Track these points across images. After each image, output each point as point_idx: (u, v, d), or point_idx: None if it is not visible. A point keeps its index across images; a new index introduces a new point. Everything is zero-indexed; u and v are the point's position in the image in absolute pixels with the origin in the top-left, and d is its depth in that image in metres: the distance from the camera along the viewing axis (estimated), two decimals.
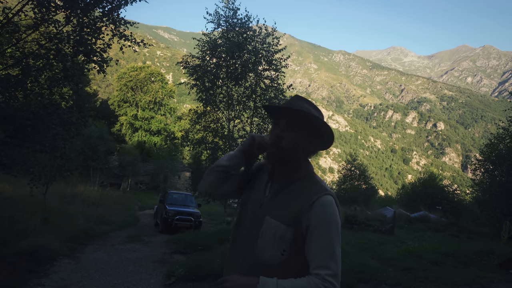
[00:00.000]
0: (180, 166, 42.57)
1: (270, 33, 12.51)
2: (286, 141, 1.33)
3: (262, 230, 1.32)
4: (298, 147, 1.35)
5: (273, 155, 1.36)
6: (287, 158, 1.35)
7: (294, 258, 1.29)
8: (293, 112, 1.35)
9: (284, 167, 1.38)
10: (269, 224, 1.31)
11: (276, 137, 1.35)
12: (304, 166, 1.39)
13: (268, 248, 1.30)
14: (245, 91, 12.62)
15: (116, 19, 7.26)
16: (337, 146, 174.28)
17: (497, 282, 5.64)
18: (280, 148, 1.34)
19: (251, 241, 1.34)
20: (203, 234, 10.73)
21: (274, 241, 1.29)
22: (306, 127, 1.36)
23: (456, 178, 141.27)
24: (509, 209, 13.60)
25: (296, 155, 1.35)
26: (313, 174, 1.40)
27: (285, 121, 1.35)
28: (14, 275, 5.09)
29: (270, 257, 1.29)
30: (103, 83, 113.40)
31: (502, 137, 16.09)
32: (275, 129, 1.38)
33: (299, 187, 1.35)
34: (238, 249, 1.41)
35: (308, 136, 1.37)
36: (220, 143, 12.92)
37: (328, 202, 1.29)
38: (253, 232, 1.35)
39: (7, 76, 6.44)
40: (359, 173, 35.41)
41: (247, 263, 1.33)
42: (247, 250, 1.35)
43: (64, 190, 14.89)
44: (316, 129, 1.38)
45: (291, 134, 1.34)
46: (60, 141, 7.36)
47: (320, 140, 1.41)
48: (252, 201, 1.44)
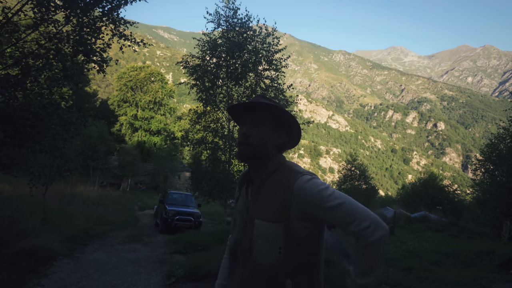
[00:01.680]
0: (180, 166, 42.57)
1: (270, 33, 12.51)
2: (253, 137, 1.36)
3: (255, 233, 1.32)
4: (266, 141, 1.37)
5: (243, 152, 1.38)
6: (258, 154, 1.37)
7: (293, 251, 1.29)
8: (256, 107, 1.38)
9: (255, 163, 1.40)
10: (258, 227, 1.31)
11: (243, 135, 1.38)
12: (274, 159, 1.39)
13: (264, 250, 1.29)
14: (245, 91, 12.62)
15: (116, 19, 7.25)
16: (337, 146, 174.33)
17: (498, 282, 5.62)
18: (249, 145, 1.36)
19: (248, 247, 1.34)
20: (203, 234, 10.72)
21: (267, 241, 1.29)
22: (271, 121, 1.39)
23: (456, 178, 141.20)
24: (509, 209, 13.58)
25: (266, 149, 1.37)
26: (284, 164, 1.38)
27: (250, 117, 1.39)
28: (13, 275, 5.08)
29: (268, 258, 1.29)
30: (103, 83, 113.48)
31: (503, 137, 16.06)
32: (242, 128, 1.41)
33: (274, 181, 1.34)
34: (238, 257, 1.41)
35: (274, 130, 1.40)
36: (220, 143, 12.92)
37: (307, 180, 1.26)
38: (247, 238, 1.35)
39: (6, 76, 6.43)
40: (359, 173, 35.36)
41: (249, 266, 1.33)
42: (245, 256, 1.35)
43: (64, 190, 14.90)
44: (282, 121, 1.40)
45: (257, 130, 1.37)
46: (59, 141, 7.35)
47: (287, 132, 1.43)
48: (239, 209, 1.45)
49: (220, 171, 12.74)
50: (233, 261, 1.44)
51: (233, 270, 1.43)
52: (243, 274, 1.35)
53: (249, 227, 1.35)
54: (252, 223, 1.34)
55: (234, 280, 1.40)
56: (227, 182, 12.54)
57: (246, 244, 1.35)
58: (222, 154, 12.95)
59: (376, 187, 42.19)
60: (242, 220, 1.41)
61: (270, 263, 1.28)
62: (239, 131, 1.43)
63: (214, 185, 12.72)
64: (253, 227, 1.33)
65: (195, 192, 17.75)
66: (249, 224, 1.35)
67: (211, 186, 12.90)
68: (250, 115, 1.40)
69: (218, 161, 12.84)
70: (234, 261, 1.44)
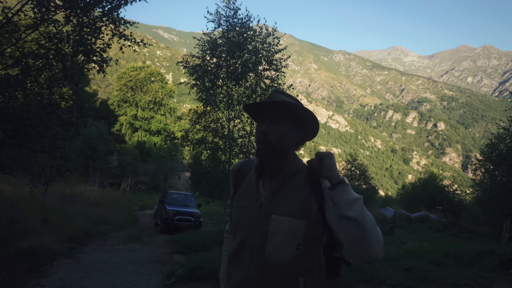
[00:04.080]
0: (180, 166, 42.57)
1: (270, 33, 12.50)
2: (273, 135, 1.34)
3: (271, 230, 1.30)
4: (286, 139, 1.36)
5: (263, 151, 1.36)
6: (277, 152, 1.35)
7: (309, 249, 1.30)
8: (275, 105, 1.36)
9: (275, 161, 1.38)
10: (278, 222, 1.30)
11: (263, 133, 1.36)
12: (296, 158, 1.41)
13: (281, 247, 1.29)
14: (245, 91, 12.61)
15: (116, 19, 7.24)
16: (337, 146, 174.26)
17: (498, 282, 5.62)
18: (268, 143, 1.34)
19: (259, 244, 1.32)
20: (203, 234, 10.73)
21: (287, 237, 1.28)
22: (290, 118, 1.37)
23: (456, 178, 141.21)
24: (509, 209, 13.59)
25: (285, 147, 1.36)
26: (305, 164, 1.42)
27: (269, 115, 1.37)
28: (14, 275, 5.08)
29: (283, 255, 1.29)
30: (103, 83, 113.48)
31: (503, 137, 16.06)
32: (260, 126, 1.39)
33: (299, 179, 1.36)
34: (244, 254, 1.37)
35: (293, 126, 1.39)
36: (220, 143, 12.91)
37: None
38: (259, 235, 1.32)
39: (6, 76, 6.43)
40: (359, 173, 35.37)
41: (258, 263, 1.31)
42: (255, 253, 1.32)
43: (64, 190, 14.89)
44: (300, 118, 1.40)
45: (276, 127, 1.35)
46: (59, 141, 7.35)
47: (305, 129, 1.43)
48: (243, 205, 1.41)
49: (220, 171, 12.73)
50: (235, 259, 1.41)
51: (235, 268, 1.40)
52: (249, 273, 1.32)
53: (262, 224, 1.33)
54: (267, 219, 1.32)
55: (237, 278, 1.36)
56: (227, 182, 12.54)
57: (257, 241, 1.32)
58: (222, 154, 12.94)
59: (376, 187, 42.21)
60: (251, 216, 1.37)
61: (285, 261, 1.28)
62: (257, 129, 1.41)
63: (214, 185, 12.71)
64: (268, 223, 1.31)
65: (195, 192, 17.74)
66: (262, 220, 1.33)
67: (211, 186, 12.89)
68: (269, 112, 1.38)
69: (218, 161, 12.83)
70: (236, 259, 1.40)
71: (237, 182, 1.50)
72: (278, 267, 1.28)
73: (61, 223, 9.39)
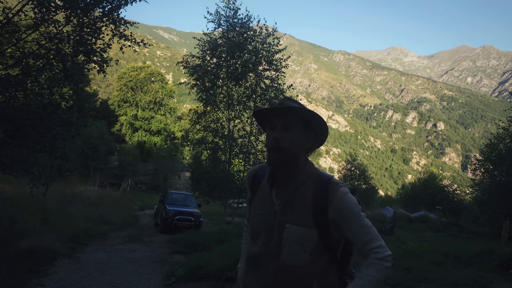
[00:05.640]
0: (180, 166, 42.57)
1: (270, 33, 12.52)
2: (285, 141, 1.33)
3: (285, 238, 1.33)
4: (298, 145, 1.36)
5: (276, 159, 1.34)
6: (290, 158, 1.35)
7: (321, 255, 1.34)
8: (287, 112, 1.35)
9: (287, 169, 1.37)
10: (291, 231, 1.33)
11: (275, 140, 1.34)
12: (307, 164, 1.41)
13: (295, 253, 1.32)
14: (245, 91, 12.62)
15: (116, 19, 7.25)
16: (337, 146, 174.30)
17: (497, 282, 5.63)
18: (281, 150, 1.33)
19: (275, 250, 1.35)
20: (203, 234, 10.72)
21: (300, 246, 1.32)
22: (302, 125, 1.37)
23: (456, 178, 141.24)
24: (509, 209, 13.60)
25: (297, 154, 1.36)
26: (318, 171, 1.41)
27: (281, 122, 1.35)
28: (14, 275, 5.09)
29: (297, 260, 1.32)
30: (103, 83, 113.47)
31: (502, 137, 16.07)
32: (271, 133, 1.37)
33: (309, 188, 1.36)
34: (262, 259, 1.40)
35: (304, 133, 1.38)
36: (220, 143, 12.92)
37: (345, 193, 1.33)
38: (274, 242, 1.36)
39: (7, 76, 6.43)
40: (359, 173, 35.39)
41: (274, 268, 1.35)
42: (270, 258, 1.36)
43: (64, 190, 14.88)
44: (311, 125, 1.40)
45: (289, 134, 1.34)
46: (60, 141, 7.36)
47: (315, 134, 1.43)
48: (261, 213, 1.44)
49: (220, 171, 12.75)
50: (254, 263, 1.43)
51: (253, 272, 1.44)
52: (266, 277, 1.36)
53: (277, 231, 1.36)
54: (282, 227, 1.35)
55: (256, 281, 1.40)
56: (227, 182, 12.55)
57: (273, 246, 1.36)
58: (222, 154, 12.95)
59: (376, 187, 42.20)
60: (267, 223, 1.39)
61: (299, 265, 1.32)
62: (267, 136, 1.39)
63: (214, 185, 12.72)
64: (282, 231, 1.34)
65: (195, 192, 17.74)
66: (277, 228, 1.36)
67: (211, 186, 12.90)
68: (280, 119, 1.36)
69: (218, 161, 12.84)
70: (255, 263, 1.43)
71: (254, 187, 1.52)
72: (292, 271, 1.32)
73: (61, 223, 9.38)
